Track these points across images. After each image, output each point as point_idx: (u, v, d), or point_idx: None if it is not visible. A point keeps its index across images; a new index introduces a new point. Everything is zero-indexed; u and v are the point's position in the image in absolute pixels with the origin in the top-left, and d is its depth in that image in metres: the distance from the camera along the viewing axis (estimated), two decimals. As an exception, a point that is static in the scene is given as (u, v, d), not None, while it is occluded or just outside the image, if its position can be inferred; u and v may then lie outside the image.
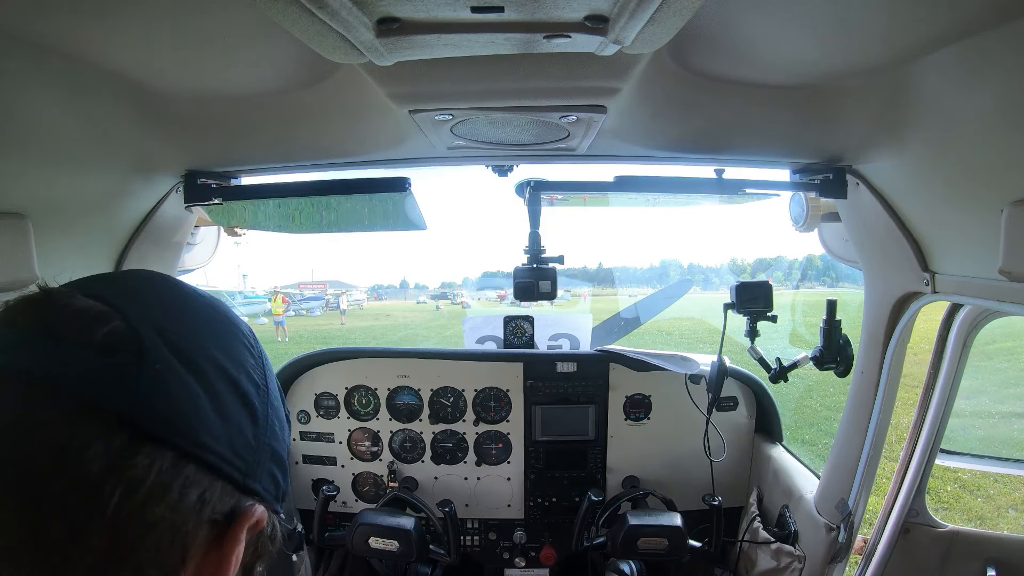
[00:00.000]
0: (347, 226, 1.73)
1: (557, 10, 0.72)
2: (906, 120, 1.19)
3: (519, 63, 0.99)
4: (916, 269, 1.43)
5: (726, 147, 1.55)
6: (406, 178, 1.55)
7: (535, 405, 2.42)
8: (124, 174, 1.36)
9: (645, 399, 2.44)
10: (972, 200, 1.18)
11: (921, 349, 2.09)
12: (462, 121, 1.26)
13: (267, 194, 1.63)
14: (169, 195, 1.55)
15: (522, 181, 1.69)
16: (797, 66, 1.10)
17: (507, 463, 2.47)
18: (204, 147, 1.45)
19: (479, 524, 2.50)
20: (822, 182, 1.60)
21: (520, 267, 1.68)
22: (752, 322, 1.92)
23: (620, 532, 1.98)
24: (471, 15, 0.73)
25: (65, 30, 0.88)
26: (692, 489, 2.45)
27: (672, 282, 27.05)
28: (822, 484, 1.93)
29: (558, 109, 1.19)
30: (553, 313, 2.78)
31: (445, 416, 2.46)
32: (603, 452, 2.45)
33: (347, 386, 2.47)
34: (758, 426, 2.47)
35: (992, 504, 5.57)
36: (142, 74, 1.07)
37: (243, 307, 26.16)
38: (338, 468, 2.50)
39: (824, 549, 1.84)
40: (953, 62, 0.98)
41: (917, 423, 1.98)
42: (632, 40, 0.78)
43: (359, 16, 0.71)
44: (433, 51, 0.84)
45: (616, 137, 1.45)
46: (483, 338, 2.70)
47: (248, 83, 1.15)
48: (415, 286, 60.93)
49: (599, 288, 27.74)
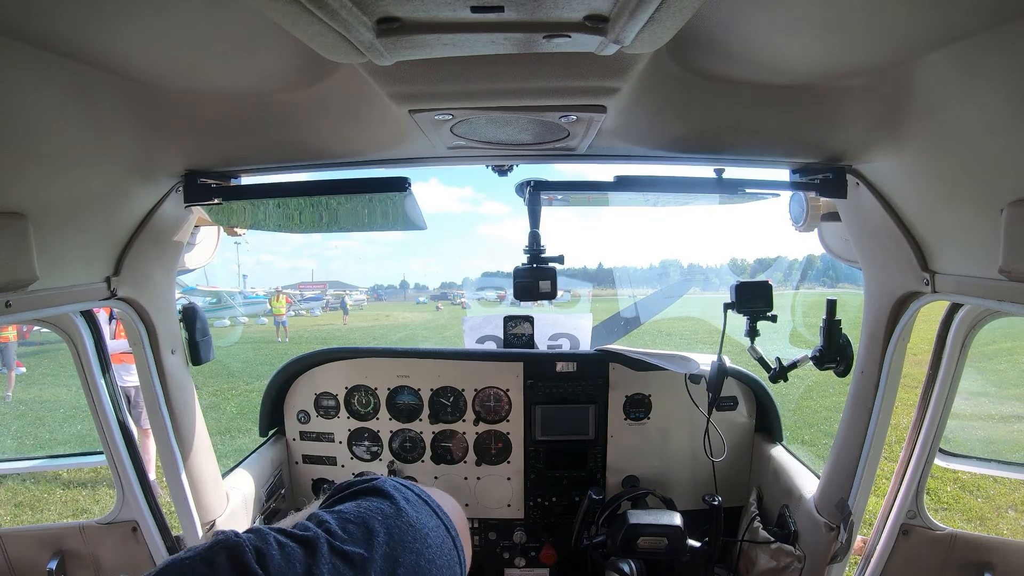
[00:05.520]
0: (347, 226, 1.73)
1: (557, 10, 0.72)
2: (906, 120, 1.19)
3: (519, 63, 0.99)
4: (916, 269, 1.43)
5: (726, 147, 1.55)
6: (406, 178, 1.54)
7: (535, 405, 2.42)
8: (124, 174, 1.36)
9: (645, 399, 2.44)
10: (972, 200, 1.18)
11: (921, 350, 2.09)
12: (462, 121, 1.26)
13: (267, 194, 1.63)
14: (169, 195, 1.55)
15: (522, 181, 1.68)
16: (797, 66, 1.10)
17: (507, 463, 2.47)
18: (204, 147, 1.45)
19: (479, 524, 2.51)
20: (822, 182, 1.60)
21: (520, 267, 1.68)
22: (752, 322, 1.92)
23: (620, 531, 1.98)
24: (471, 15, 0.73)
25: (65, 30, 0.88)
26: (692, 489, 2.45)
27: (672, 282, 27.04)
28: (822, 484, 1.93)
29: (558, 109, 1.19)
30: (553, 313, 2.77)
31: (445, 416, 2.46)
32: (603, 452, 2.45)
33: (347, 386, 2.47)
34: (758, 426, 2.47)
35: (992, 505, 5.56)
36: (142, 74, 1.07)
37: (243, 307, 26.18)
38: (338, 468, 2.50)
39: (824, 549, 1.84)
40: (953, 62, 0.98)
41: (916, 423, 1.98)
42: (632, 40, 0.78)
43: (359, 16, 0.71)
44: (433, 51, 0.84)
45: (616, 137, 1.45)
46: (483, 338, 2.70)
47: (248, 83, 1.15)
48: (415, 286, 61.00)
49: (599, 288, 27.71)
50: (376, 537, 0.56)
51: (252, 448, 2.42)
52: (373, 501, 0.61)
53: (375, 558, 0.54)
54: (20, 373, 10.01)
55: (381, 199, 1.61)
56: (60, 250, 1.26)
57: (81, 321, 1.82)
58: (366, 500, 0.61)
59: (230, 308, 24.94)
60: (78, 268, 1.37)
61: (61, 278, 1.30)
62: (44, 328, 2.00)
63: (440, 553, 0.60)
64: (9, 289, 1.08)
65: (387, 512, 0.59)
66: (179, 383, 1.80)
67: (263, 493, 2.23)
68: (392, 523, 0.58)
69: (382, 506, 0.60)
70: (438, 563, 0.59)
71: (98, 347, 1.87)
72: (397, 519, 0.59)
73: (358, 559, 0.53)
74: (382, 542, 0.56)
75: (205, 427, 1.92)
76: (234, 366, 12.54)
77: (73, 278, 1.35)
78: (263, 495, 2.23)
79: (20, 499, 5.59)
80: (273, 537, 0.52)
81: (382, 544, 0.56)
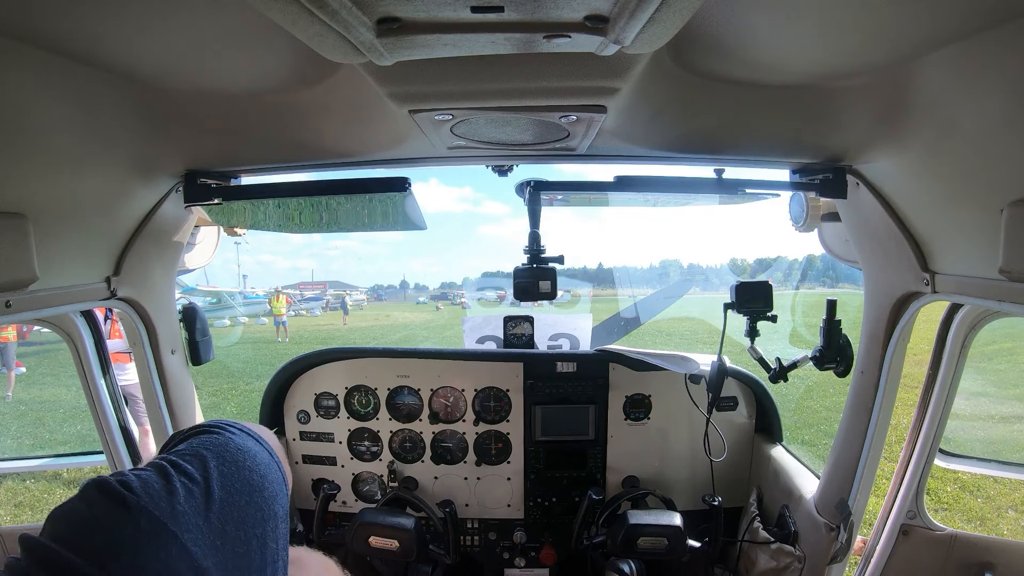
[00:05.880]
0: (347, 226, 1.73)
1: (557, 10, 0.72)
2: (906, 120, 1.19)
3: (519, 63, 0.99)
4: (916, 269, 1.43)
5: (726, 147, 1.55)
6: (406, 178, 1.54)
7: (535, 405, 2.42)
8: (124, 174, 1.36)
9: (645, 399, 2.44)
10: (972, 200, 1.18)
11: (921, 350, 2.09)
12: (462, 121, 1.26)
13: (267, 194, 1.63)
14: (169, 195, 1.55)
15: (522, 181, 1.68)
16: (797, 66, 1.10)
17: (507, 463, 2.47)
18: (204, 147, 1.45)
19: (479, 524, 2.50)
20: (822, 182, 1.60)
21: (520, 267, 1.68)
22: (752, 322, 1.92)
23: (620, 531, 1.98)
24: (471, 15, 0.73)
25: (65, 31, 0.88)
26: (692, 489, 2.45)
27: (672, 282, 27.03)
28: (822, 484, 1.93)
29: (558, 109, 1.19)
30: (553, 313, 2.77)
31: (445, 416, 2.46)
32: (603, 452, 2.45)
33: (347, 386, 2.47)
34: (758, 426, 2.47)
35: (992, 505, 5.56)
36: (142, 74, 1.07)
37: (243, 307, 26.18)
38: (338, 468, 2.50)
39: (824, 549, 1.84)
40: (953, 62, 0.98)
41: (916, 424, 1.98)
42: (632, 40, 0.78)
43: (359, 16, 0.71)
44: (433, 51, 0.84)
45: (616, 137, 1.45)
46: (483, 338, 2.70)
47: (248, 83, 1.15)
48: (415, 286, 61.02)
49: (599, 288, 27.71)
50: (209, 461, 0.66)
51: (252, 448, 2.41)
52: (201, 437, 0.72)
53: (212, 474, 0.65)
54: (20, 373, 10.01)
55: (381, 199, 1.61)
56: (60, 250, 1.26)
57: (81, 321, 1.82)
58: (195, 439, 0.72)
59: (230, 308, 24.93)
60: (78, 268, 1.37)
61: (61, 278, 1.30)
62: (44, 328, 2.00)
63: (268, 470, 0.71)
64: (9, 289, 1.08)
65: (216, 441, 0.70)
66: (179, 383, 1.80)
67: None
68: (222, 449, 0.69)
69: (210, 438, 0.71)
70: (269, 477, 0.70)
71: (98, 347, 1.87)
72: (225, 446, 0.70)
73: (199, 476, 0.63)
74: (215, 465, 0.66)
75: None
76: (234, 366, 12.54)
77: (73, 278, 1.35)
78: None
79: (20, 499, 5.59)
80: (129, 470, 0.63)
81: (215, 465, 0.66)
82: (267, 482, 0.69)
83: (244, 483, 0.66)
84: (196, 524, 0.59)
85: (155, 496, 0.59)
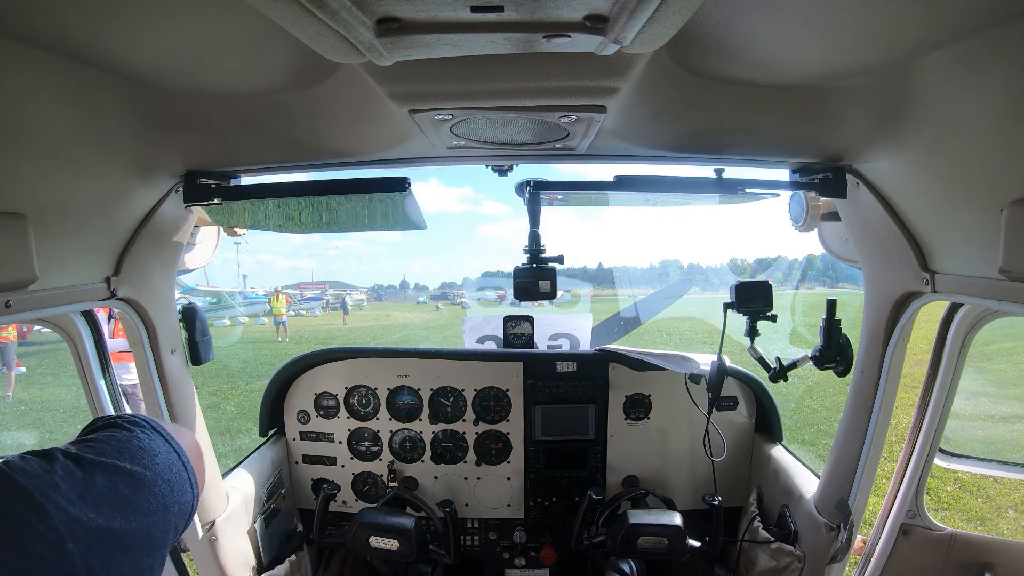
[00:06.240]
0: (347, 226, 1.73)
1: (557, 10, 0.72)
2: (906, 120, 1.19)
3: (519, 63, 0.99)
4: (916, 269, 1.43)
5: (726, 147, 1.55)
6: (406, 178, 1.55)
7: (535, 405, 2.42)
8: (124, 174, 1.36)
9: (645, 399, 2.44)
10: (972, 200, 1.18)
11: (921, 350, 2.09)
12: (462, 121, 1.26)
13: (267, 194, 1.63)
14: (169, 195, 1.55)
15: (522, 181, 1.68)
16: (796, 66, 1.10)
17: (507, 463, 2.47)
18: (204, 147, 1.45)
19: (479, 524, 2.51)
20: (822, 182, 1.60)
21: (520, 267, 1.68)
22: (752, 322, 1.92)
23: (620, 531, 1.98)
24: (471, 15, 0.73)
25: (66, 31, 0.88)
26: (692, 489, 2.45)
27: (672, 282, 27.05)
28: (822, 484, 1.93)
29: (558, 109, 1.19)
30: (553, 313, 2.77)
31: (445, 416, 2.47)
32: (603, 452, 2.45)
33: (347, 386, 2.47)
34: (758, 426, 2.47)
35: (992, 504, 5.56)
36: (142, 74, 1.07)
37: (243, 307, 26.17)
38: (338, 468, 2.50)
39: (824, 549, 1.84)
40: (953, 62, 0.98)
41: (916, 423, 1.98)
42: (632, 40, 0.78)
43: (359, 16, 0.71)
44: (433, 51, 0.84)
45: (616, 137, 1.45)
46: (483, 338, 2.70)
47: (248, 83, 1.15)
48: (415, 286, 61.02)
49: (599, 288, 27.71)
50: (105, 453, 0.70)
51: (252, 448, 2.42)
52: (110, 431, 0.75)
53: (103, 462, 0.68)
54: (20, 373, 10.02)
55: (381, 199, 1.61)
56: (60, 250, 1.26)
57: (81, 321, 1.82)
58: (104, 431, 0.75)
59: (230, 308, 24.93)
60: (78, 268, 1.37)
61: (61, 278, 1.30)
62: (44, 328, 2.00)
63: (167, 469, 0.75)
64: (9, 289, 1.08)
65: (120, 436, 0.74)
66: (179, 383, 1.80)
67: (263, 493, 2.23)
68: (123, 444, 0.73)
69: (116, 433, 0.75)
70: (165, 477, 0.74)
71: (98, 347, 1.87)
72: (128, 441, 0.74)
73: (87, 461, 0.67)
74: (112, 455, 0.70)
75: (205, 427, 1.92)
76: (234, 366, 12.54)
77: (73, 278, 1.35)
78: (263, 495, 2.23)
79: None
80: (16, 455, 0.66)
81: (112, 455, 0.70)
82: (161, 480, 0.73)
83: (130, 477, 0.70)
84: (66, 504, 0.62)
85: (31, 475, 0.62)
